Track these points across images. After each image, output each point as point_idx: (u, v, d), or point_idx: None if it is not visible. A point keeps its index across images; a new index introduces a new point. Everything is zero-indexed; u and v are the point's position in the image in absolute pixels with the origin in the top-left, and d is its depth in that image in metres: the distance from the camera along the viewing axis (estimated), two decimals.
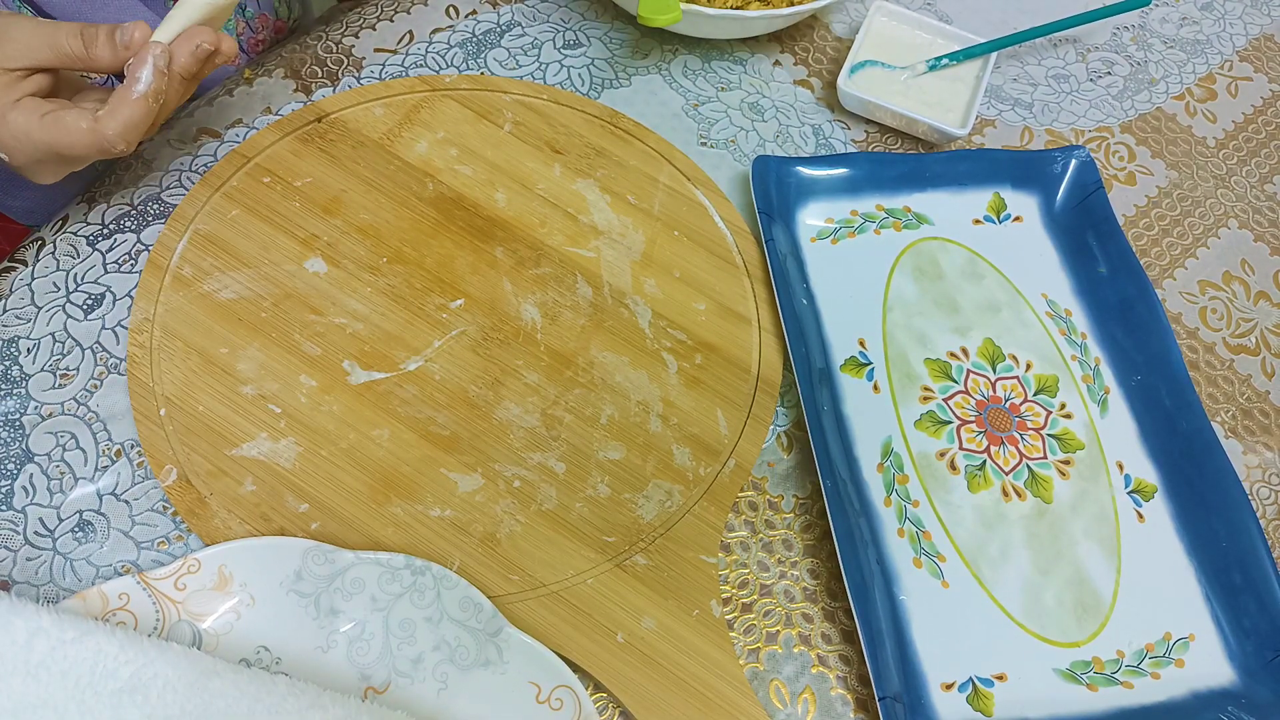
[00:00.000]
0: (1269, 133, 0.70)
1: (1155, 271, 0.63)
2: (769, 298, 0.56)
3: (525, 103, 0.61)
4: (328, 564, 0.44)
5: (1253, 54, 0.74)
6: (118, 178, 0.56)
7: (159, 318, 0.51)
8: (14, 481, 0.47)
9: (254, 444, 0.48)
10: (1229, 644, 0.50)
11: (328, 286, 0.53)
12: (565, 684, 0.43)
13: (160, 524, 0.47)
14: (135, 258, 0.54)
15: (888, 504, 0.51)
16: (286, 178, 0.56)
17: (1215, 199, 0.66)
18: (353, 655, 0.44)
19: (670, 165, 0.60)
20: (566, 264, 0.56)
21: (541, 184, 0.58)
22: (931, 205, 0.61)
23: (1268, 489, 0.56)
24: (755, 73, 0.66)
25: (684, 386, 0.53)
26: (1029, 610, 0.49)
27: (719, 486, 0.50)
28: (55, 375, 0.50)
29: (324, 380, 0.50)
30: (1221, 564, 0.51)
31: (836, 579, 0.50)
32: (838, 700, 0.47)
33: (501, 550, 0.47)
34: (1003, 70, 0.70)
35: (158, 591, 0.43)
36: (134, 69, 0.46)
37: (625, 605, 0.47)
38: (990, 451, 0.53)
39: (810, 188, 0.60)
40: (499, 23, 0.66)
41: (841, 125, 0.65)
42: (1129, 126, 0.68)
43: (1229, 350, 0.60)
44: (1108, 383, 0.57)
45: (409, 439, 0.50)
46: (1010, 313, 0.58)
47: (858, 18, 0.71)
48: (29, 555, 0.46)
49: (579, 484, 0.50)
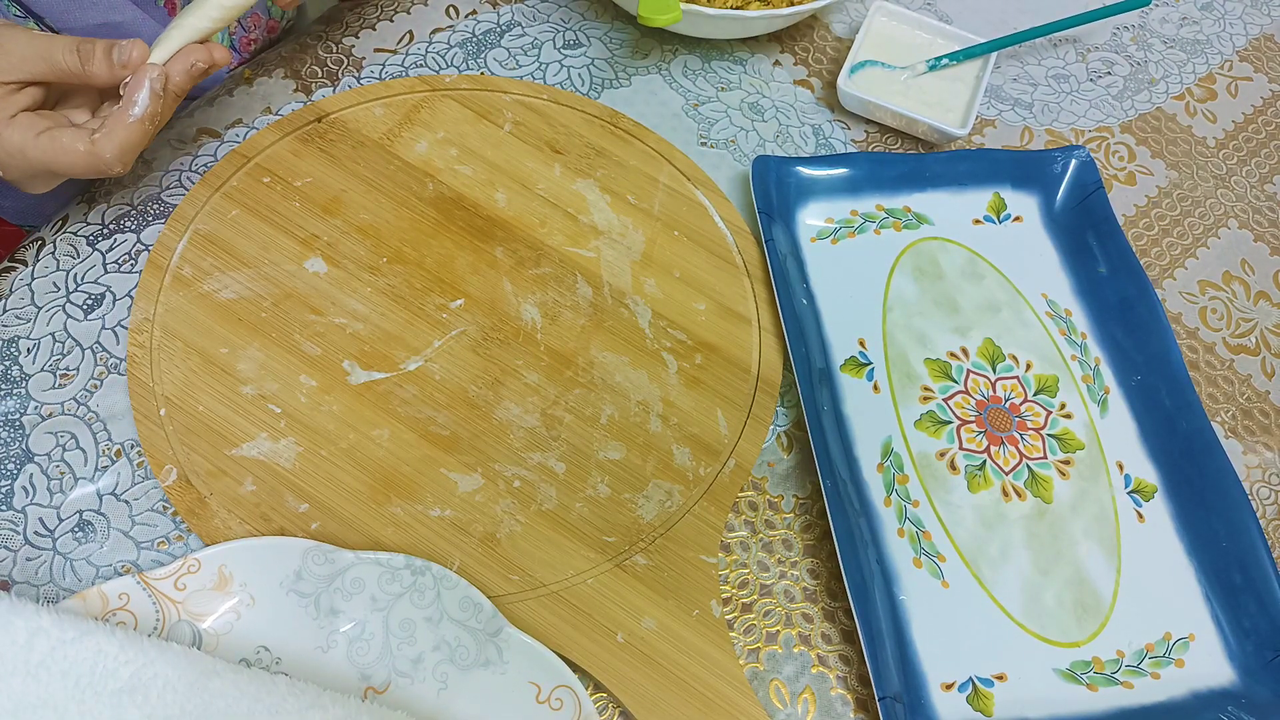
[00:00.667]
0: (1269, 133, 0.70)
1: (1155, 271, 0.63)
2: (769, 298, 0.56)
3: (525, 103, 0.61)
4: (328, 564, 0.44)
5: (1253, 54, 0.74)
6: (118, 178, 0.56)
7: (159, 318, 0.51)
8: (14, 481, 0.47)
9: (254, 444, 0.48)
10: (1229, 644, 0.50)
11: (328, 286, 0.53)
12: (565, 684, 0.43)
13: (160, 524, 0.47)
14: (135, 258, 0.54)
15: (888, 504, 0.51)
16: (286, 178, 0.56)
17: (1215, 199, 0.66)
18: (353, 655, 0.44)
19: (670, 165, 0.60)
20: (566, 264, 0.56)
21: (541, 184, 0.58)
22: (931, 205, 0.61)
23: (1268, 489, 0.56)
24: (755, 73, 0.66)
25: (684, 386, 0.53)
26: (1029, 610, 0.49)
27: (719, 486, 0.50)
28: (55, 375, 0.50)
29: (324, 380, 0.50)
30: (1221, 564, 0.51)
31: (836, 579, 0.50)
32: (838, 700, 0.47)
33: (501, 550, 0.47)
34: (1003, 70, 0.70)
35: (158, 591, 0.43)
36: (131, 91, 0.46)
37: (625, 605, 0.47)
38: (990, 451, 0.53)
39: (810, 188, 0.60)
40: (499, 23, 0.66)
41: (841, 125, 0.65)
42: (1129, 126, 0.68)
43: (1229, 350, 0.60)
44: (1108, 383, 0.57)
45: (409, 439, 0.50)
46: (1010, 313, 0.58)
47: (858, 18, 0.71)
48: (29, 555, 0.46)
49: (579, 484, 0.50)
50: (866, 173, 0.60)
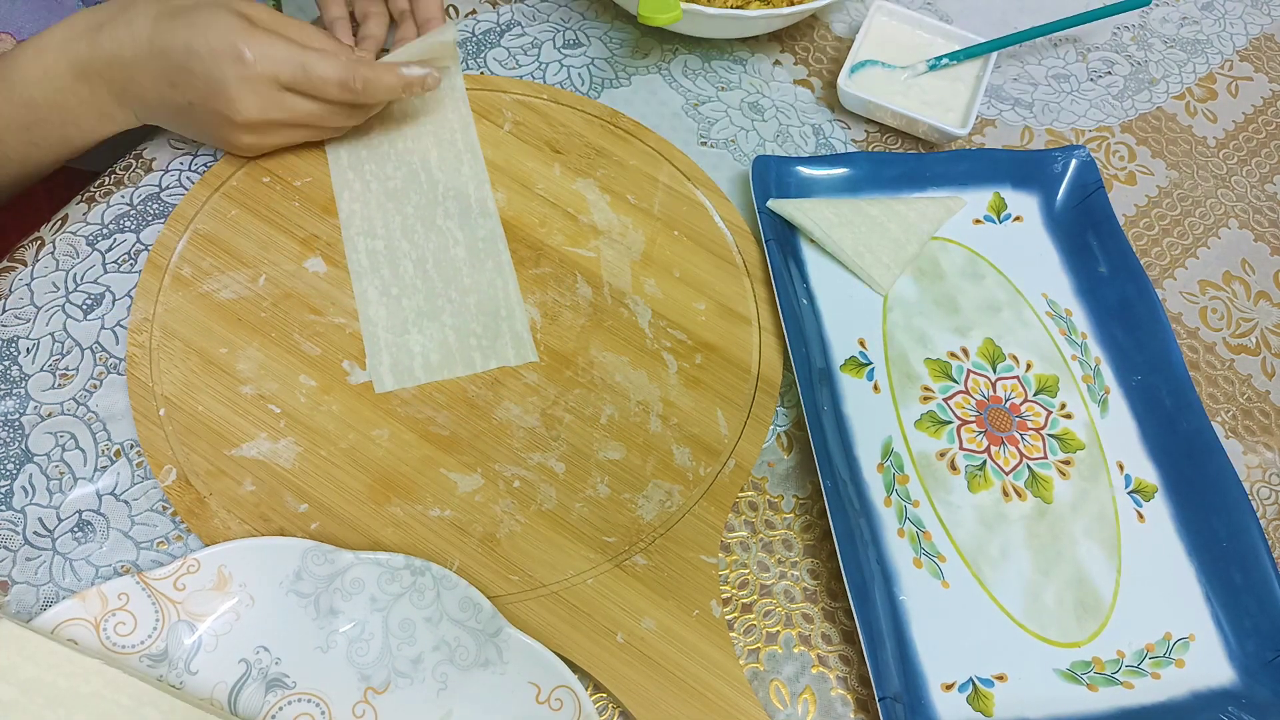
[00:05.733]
0: (1269, 133, 0.70)
1: (1155, 271, 0.63)
2: (769, 298, 0.56)
3: (525, 102, 0.61)
4: (327, 564, 0.44)
5: (1253, 54, 0.73)
6: (118, 178, 0.56)
7: (158, 318, 0.51)
8: (13, 481, 0.47)
9: (253, 444, 0.48)
10: (1229, 644, 0.50)
11: (328, 286, 0.53)
12: (565, 684, 0.43)
13: (160, 524, 0.47)
14: (135, 258, 0.54)
15: (888, 504, 0.51)
16: (286, 177, 0.56)
17: (1215, 199, 0.66)
18: (352, 655, 0.44)
19: (670, 165, 0.60)
20: (566, 264, 0.56)
21: (541, 183, 0.58)
22: None
23: (1268, 489, 0.56)
24: (755, 72, 0.66)
25: (684, 386, 0.53)
26: (1029, 610, 0.49)
27: (719, 486, 0.50)
28: (55, 375, 0.50)
29: (323, 380, 0.50)
30: (1221, 564, 0.51)
31: (836, 579, 0.50)
32: (838, 700, 0.47)
33: (501, 550, 0.47)
34: (1003, 70, 0.70)
35: (157, 592, 0.43)
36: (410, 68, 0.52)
37: (625, 605, 0.47)
38: (990, 451, 0.53)
39: (810, 187, 0.60)
40: (499, 22, 0.66)
41: (841, 125, 0.65)
42: (1129, 126, 0.68)
43: (1229, 350, 0.60)
44: (1108, 383, 0.56)
45: (409, 439, 0.50)
46: (1010, 312, 0.58)
47: (858, 17, 0.70)
48: (28, 555, 0.46)
49: (579, 484, 0.49)
50: (866, 172, 0.60)
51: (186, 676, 0.42)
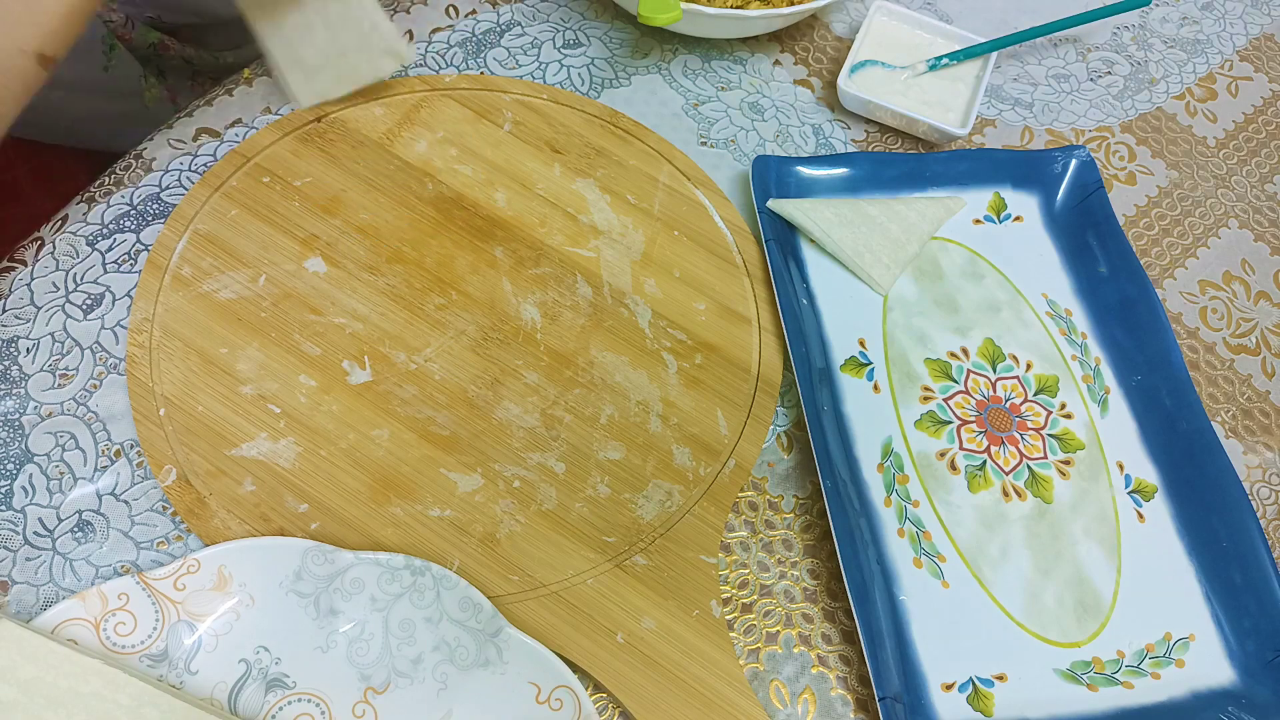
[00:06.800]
0: (1269, 132, 0.70)
1: (1155, 271, 0.63)
2: (769, 298, 0.56)
3: (525, 102, 0.61)
4: (327, 564, 0.44)
5: (1253, 54, 0.73)
6: (118, 178, 0.56)
7: (158, 318, 0.51)
8: (13, 481, 0.47)
9: (253, 444, 0.48)
10: (1229, 644, 0.50)
11: (327, 286, 0.53)
12: (565, 684, 0.43)
13: (160, 524, 0.47)
14: (135, 258, 0.54)
15: (888, 504, 0.51)
16: (286, 177, 0.56)
17: (1215, 199, 0.66)
18: (352, 655, 0.44)
19: (670, 165, 0.60)
20: (566, 264, 0.56)
21: (541, 184, 0.58)
22: None
23: (1268, 489, 0.56)
24: (755, 72, 0.66)
25: (684, 386, 0.53)
26: (1029, 610, 0.49)
27: (719, 486, 0.50)
28: (55, 375, 0.50)
29: (323, 380, 0.50)
30: (1221, 564, 0.51)
31: (836, 579, 0.50)
32: (838, 700, 0.47)
33: (501, 550, 0.47)
34: (1003, 70, 0.70)
35: (157, 592, 0.43)
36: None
37: (625, 605, 0.47)
38: (990, 451, 0.53)
39: (810, 187, 0.60)
40: (499, 22, 0.66)
41: (841, 125, 0.65)
42: (1129, 126, 0.68)
43: (1229, 350, 0.60)
44: (1108, 383, 0.56)
45: (409, 439, 0.50)
46: (1010, 312, 0.58)
47: (858, 17, 0.70)
48: (28, 555, 0.46)
49: (579, 484, 0.49)
50: (866, 172, 0.60)
51: (186, 676, 0.42)
